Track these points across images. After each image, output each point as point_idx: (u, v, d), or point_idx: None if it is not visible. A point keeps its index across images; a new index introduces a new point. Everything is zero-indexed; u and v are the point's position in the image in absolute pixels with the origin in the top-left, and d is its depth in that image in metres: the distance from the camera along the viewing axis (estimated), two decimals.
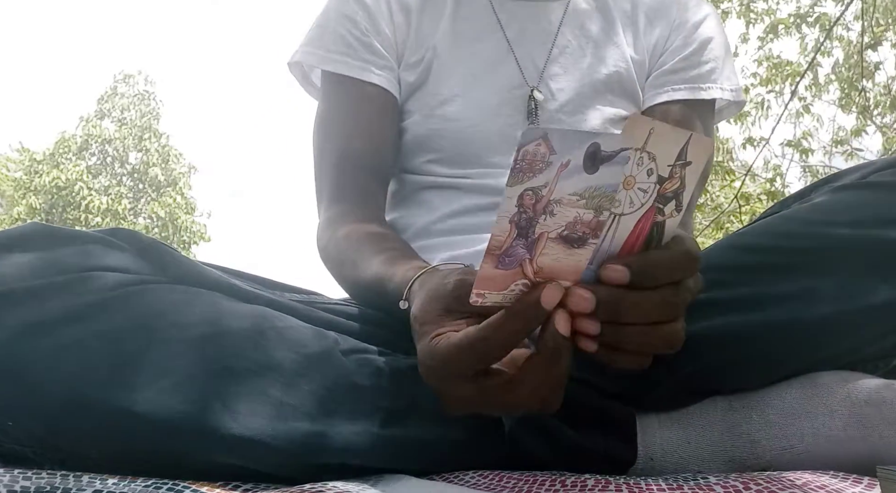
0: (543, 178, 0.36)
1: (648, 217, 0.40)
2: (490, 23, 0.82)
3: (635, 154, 0.37)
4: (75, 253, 0.50)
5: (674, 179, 0.39)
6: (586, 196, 0.37)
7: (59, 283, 0.47)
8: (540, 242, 0.38)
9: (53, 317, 0.45)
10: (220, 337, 0.48)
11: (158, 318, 0.47)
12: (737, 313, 0.53)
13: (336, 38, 0.80)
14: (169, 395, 0.44)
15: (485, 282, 0.40)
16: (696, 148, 0.38)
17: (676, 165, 0.38)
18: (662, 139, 0.37)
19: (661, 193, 0.39)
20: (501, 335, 0.40)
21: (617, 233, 0.40)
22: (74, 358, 0.44)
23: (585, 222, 0.38)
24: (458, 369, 0.42)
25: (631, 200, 0.39)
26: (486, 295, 0.40)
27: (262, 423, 0.46)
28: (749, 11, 5.17)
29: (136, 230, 0.57)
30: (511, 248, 0.38)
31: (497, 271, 0.39)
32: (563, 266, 0.40)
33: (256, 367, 0.48)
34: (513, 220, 0.37)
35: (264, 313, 0.52)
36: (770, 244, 0.55)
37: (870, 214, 0.53)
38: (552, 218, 0.37)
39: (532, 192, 0.36)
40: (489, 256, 0.38)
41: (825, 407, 0.51)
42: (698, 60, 0.81)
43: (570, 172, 0.36)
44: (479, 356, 0.41)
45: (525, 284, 0.40)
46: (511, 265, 0.39)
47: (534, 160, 0.35)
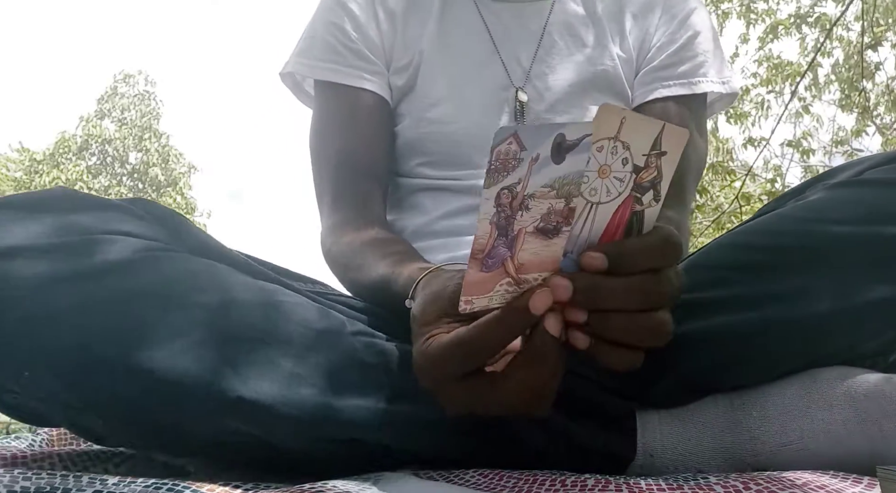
0: (517, 175, 0.37)
1: (626, 206, 0.40)
2: (476, 25, 0.82)
3: (609, 143, 0.38)
4: (94, 218, 0.51)
5: (650, 168, 0.40)
6: (556, 186, 0.38)
7: (80, 242, 0.48)
8: (519, 238, 0.39)
9: (72, 273, 0.46)
10: (233, 306, 0.49)
11: (173, 284, 0.48)
12: (735, 312, 0.53)
13: (325, 46, 0.81)
14: (181, 356, 0.45)
15: (471, 287, 0.40)
16: (671, 138, 0.39)
17: (651, 154, 0.39)
18: (635, 128, 0.38)
19: (637, 183, 0.40)
20: (489, 338, 0.41)
21: (595, 222, 0.40)
22: (90, 313, 0.45)
23: (558, 212, 0.39)
24: (447, 370, 0.43)
25: (608, 189, 0.40)
26: (473, 301, 0.41)
27: (272, 388, 0.47)
28: (749, 12, 5.18)
29: (155, 201, 0.58)
30: (493, 249, 0.39)
31: (482, 275, 0.40)
32: (541, 258, 0.40)
33: (267, 337, 0.49)
34: (493, 221, 0.38)
35: (276, 289, 0.53)
36: (766, 243, 0.55)
37: (865, 211, 0.53)
38: (527, 213, 0.38)
39: (508, 190, 0.37)
40: (473, 260, 0.39)
41: (825, 403, 0.51)
42: (687, 55, 0.81)
43: (540, 165, 0.37)
44: (466, 357, 0.42)
45: (509, 282, 0.41)
46: (494, 266, 0.40)
47: (506, 159, 0.36)
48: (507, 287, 0.41)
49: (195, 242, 0.55)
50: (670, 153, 0.39)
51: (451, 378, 0.43)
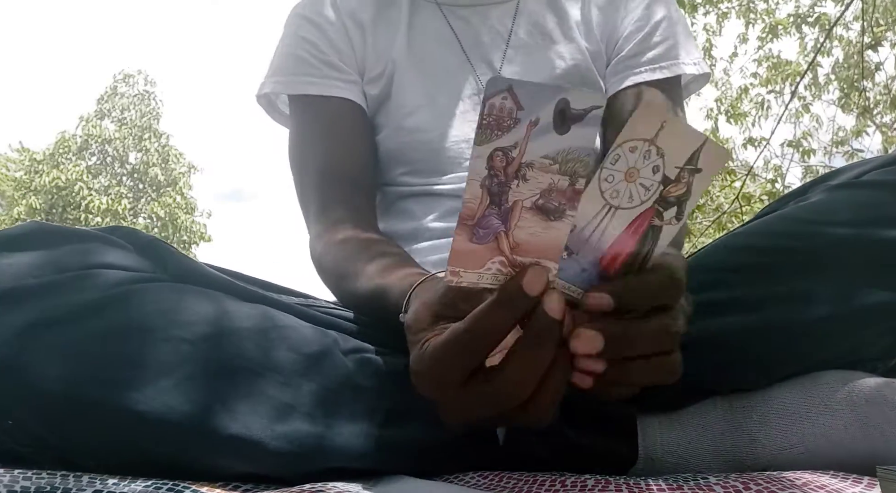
0: (513, 137, 0.34)
1: (646, 218, 0.38)
2: (444, 31, 0.83)
3: (643, 145, 0.35)
4: (75, 251, 0.50)
5: (680, 183, 0.37)
6: (559, 160, 0.35)
7: (58, 281, 0.47)
8: (514, 211, 0.36)
9: (54, 316, 0.45)
10: (221, 336, 0.48)
11: (159, 316, 0.47)
12: (735, 314, 0.53)
13: (297, 61, 0.80)
14: (169, 394, 0.44)
15: (459, 257, 0.37)
16: (710, 156, 0.36)
17: (685, 169, 0.36)
18: (674, 136, 0.35)
19: (664, 196, 0.37)
20: (486, 326, 0.37)
21: (610, 226, 0.38)
22: (75, 357, 0.44)
23: (561, 191, 0.36)
24: (446, 370, 0.39)
25: (631, 195, 0.37)
26: (461, 274, 0.37)
27: (262, 423, 0.46)
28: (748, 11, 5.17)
29: (136, 228, 0.57)
30: (485, 218, 0.36)
31: (472, 246, 0.36)
32: (541, 242, 0.37)
33: (256, 367, 0.48)
34: (484, 184, 0.35)
35: (265, 312, 0.52)
36: (767, 244, 0.55)
37: (866, 213, 0.53)
38: (525, 184, 0.35)
39: (502, 152, 0.34)
40: (462, 226, 0.36)
41: (825, 406, 0.51)
42: (657, 40, 0.82)
43: (541, 131, 0.34)
44: (465, 352, 0.38)
45: (502, 262, 0.37)
46: (486, 238, 0.36)
47: (501, 116, 0.33)
48: (500, 267, 0.37)
49: (179, 268, 0.54)
50: (705, 171, 0.36)
51: (452, 380, 0.40)
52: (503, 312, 0.37)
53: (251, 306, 0.52)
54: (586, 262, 0.39)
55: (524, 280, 0.36)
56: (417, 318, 0.44)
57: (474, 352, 0.39)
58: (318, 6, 0.84)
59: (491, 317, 0.37)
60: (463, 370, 0.39)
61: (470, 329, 0.38)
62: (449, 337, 0.39)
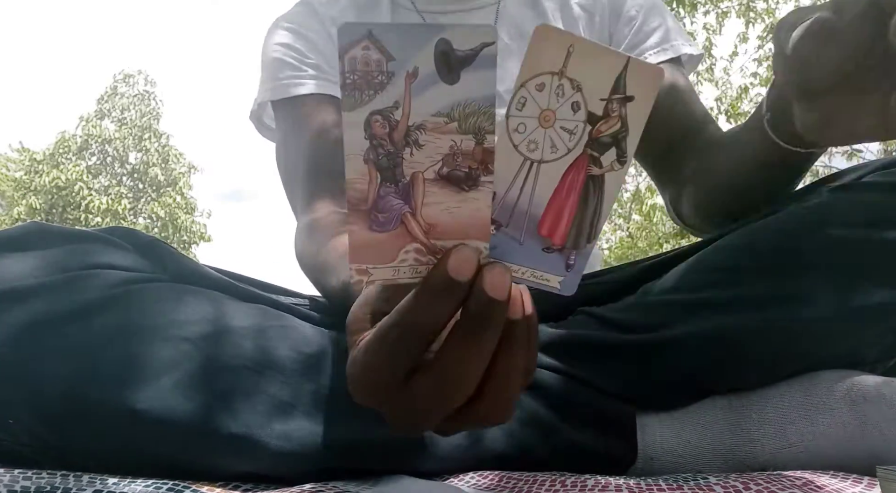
0: (390, 95, 0.28)
1: (580, 168, 0.32)
2: None
3: (551, 80, 0.30)
4: (75, 251, 0.50)
5: (611, 118, 0.30)
6: (456, 116, 0.29)
7: (58, 281, 0.47)
8: (416, 185, 0.30)
9: (54, 315, 0.45)
10: (221, 335, 0.48)
11: (159, 316, 0.47)
12: (734, 314, 0.53)
13: (281, 65, 0.80)
14: (169, 393, 0.44)
15: (362, 251, 0.31)
16: (640, 77, 0.30)
17: (613, 99, 0.30)
18: (588, 62, 0.29)
19: (594, 137, 0.31)
20: (414, 321, 0.32)
21: (538, 187, 0.32)
22: (75, 357, 0.44)
23: (467, 153, 0.30)
24: (378, 371, 0.34)
25: (552, 143, 0.31)
26: (370, 271, 0.31)
27: (262, 422, 0.46)
28: (748, 11, 5.18)
29: (135, 229, 0.57)
30: (381, 199, 0.30)
31: (374, 235, 0.30)
32: (460, 218, 0.31)
33: (256, 366, 0.48)
34: (368, 157, 0.29)
35: (264, 311, 0.52)
36: (768, 244, 0.55)
37: (866, 215, 0.53)
38: (421, 151, 0.29)
39: (381, 116, 0.28)
40: (354, 213, 0.30)
41: (825, 405, 0.51)
42: (651, 28, 0.82)
43: (424, 83, 0.28)
44: (395, 350, 0.33)
45: (418, 249, 0.31)
46: (390, 224, 0.30)
47: (368, 71, 0.28)
48: (416, 256, 0.31)
49: (178, 268, 0.54)
50: (639, 98, 0.30)
51: (386, 383, 0.34)
52: (432, 304, 0.31)
53: (251, 305, 0.52)
54: (521, 234, 0.33)
55: (449, 264, 0.30)
56: (354, 317, 0.39)
57: (405, 350, 0.33)
58: (300, 17, 0.85)
59: (418, 312, 0.31)
60: (394, 371, 0.33)
61: (398, 324, 0.32)
62: (376, 335, 0.34)
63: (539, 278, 0.34)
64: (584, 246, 0.33)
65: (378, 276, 0.31)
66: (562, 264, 0.33)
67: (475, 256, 0.30)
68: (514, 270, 0.33)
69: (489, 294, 0.30)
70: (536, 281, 0.34)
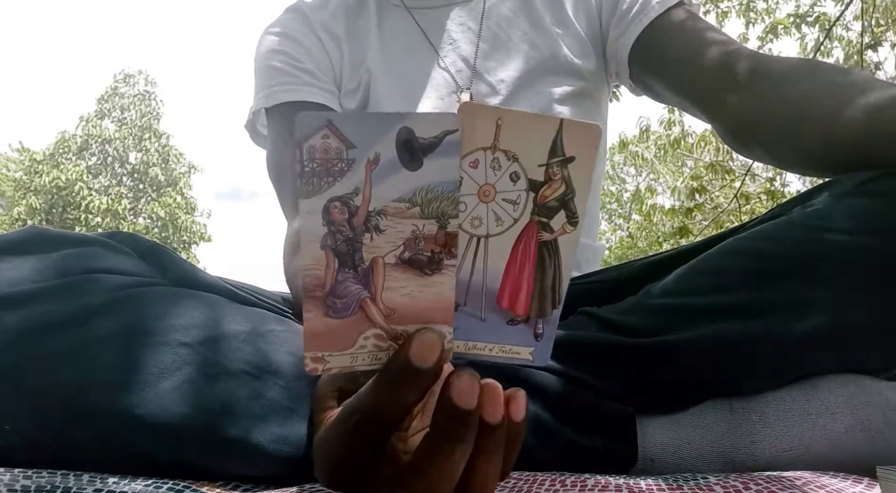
0: (351, 182, 0.28)
1: (530, 236, 0.31)
2: (414, 34, 0.83)
3: (485, 155, 0.29)
4: (75, 256, 0.50)
5: (554, 181, 0.30)
6: (418, 201, 0.29)
7: (58, 286, 0.47)
8: (376, 270, 0.30)
9: (53, 320, 0.45)
10: (219, 340, 0.48)
11: (157, 321, 0.47)
12: (736, 319, 0.52)
13: (274, 72, 0.80)
14: (168, 398, 0.44)
15: (317, 338, 0.30)
16: (578, 136, 0.29)
17: (552, 163, 0.30)
18: (520, 131, 0.29)
19: (539, 203, 0.31)
20: (375, 407, 0.30)
21: (490, 261, 0.31)
22: (74, 361, 0.44)
23: (430, 237, 0.29)
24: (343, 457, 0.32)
25: (497, 216, 0.31)
26: (326, 359, 0.30)
27: (261, 426, 0.46)
28: (748, 11, 5.17)
29: (136, 233, 0.57)
30: (339, 285, 0.29)
31: (331, 322, 0.30)
32: (423, 303, 0.30)
33: (255, 370, 0.47)
34: (325, 244, 0.29)
35: (263, 316, 0.52)
36: (769, 250, 0.55)
37: (866, 221, 0.53)
38: (381, 236, 0.29)
39: (340, 202, 0.28)
40: (310, 300, 0.29)
41: (826, 409, 0.51)
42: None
43: (385, 170, 0.28)
44: (356, 435, 0.31)
45: (378, 335, 0.30)
46: (347, 310, 0.30)
47: (327, 159, 0.28)
48: (376, 341, 0.30)
49: (179, 273, 0.54)
50: (580, 158, 0.30)
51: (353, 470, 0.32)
52: (393, 393, 0.29)
53: (250, 309, 0.52)
54: (482, 311, 0.32)
55: (411, 350, 0.29)
56: (320, 394, 0.37)
57: (367, 438, 0.31)
58: (291, 22, 0.85)
59: (379, 400, 0.30)
60: (357, 459, 0.31)
61: (358, 410, 0.30)
62: (338, 418, 0.32)
63: (508, 352, 0.33)
64: (549, 313, 0.33)
65: (335, 363, 0.30)
66: (529, 335, 0.33)
67: (438, 341, 0.29)
68: (480, 347, 0.32)
69: (457, 404, 0.28)
70: (506, 356, 0.33)
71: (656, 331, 0.54)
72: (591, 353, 0.55)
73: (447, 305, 0.30)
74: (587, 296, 0.64)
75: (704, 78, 0.74)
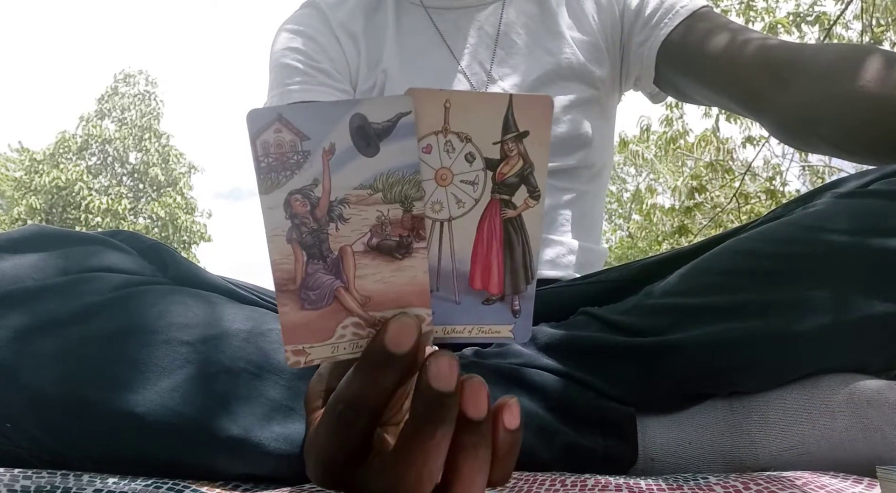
0: (308, 174, 0.28)
1: (493, 214, 0.31)
2: (432, 36, 0.83)
3: (437, 139, 0.29)
4: (76, 254, 0.50)
5: (510, 158, 0.30)
6: (380, 187, 0.29)
7: (59, 284, 0.47)
8: (345, 259, 0.30)
9: (53, 318, 0.45)
10: (220, 339, 0.48)
11: (158, 319, 0.47)
12: (737, 319, 0.52)
13: (290, 71, 0.80)
14: (169, 396, 0.44)
15: (295, 331, 0.30)
16: (529, 110, 0.29)
17: (507, 140, 0.30)
18: (469, 111, 0.29)
19: (498, 181, 0.30)
20: (355, 393, 0.30)
21: (456, 243, 0.31)
22: (74, 360, 0.44)
23: (396, 222, 0.29)
24: (330, 449, 0.31)
25: (457, 198, 0.30)
26: (307, 351, 0.30)
27: (261, 425, 0.46)
28: (748, 10, 5.17)
29: (137, 232, 0.57)
30: (310, 277, 0.29)
31: (307, 314, 0.30)
32: (398, 288, 0.30)
33: (255, 369, 0.48)
34: (291, 237, 0.29)
35: (263, 315, 0.52)
36: (770, 250, 0.55)
37: (867, 222, 0.53)
38: (346, 224, 0.29)
39: (301, 195, 0.28)
40: (283, 294, 0.29)
41: (826, 408, 0.51)
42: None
43: (342, 158, 0.28)
44: (340, 424, 0.31)
45: (357, 323, 0.31)
46: (322, 301, 0.30)
47: (282, 153, 0.28)
48: (355, 330, 0.31)
49: (179, 272, 0.54)
50: (535, 131, 0.29)
51: (341, 462, 0.32)
52: (372, 379, 0.29)
53: (250, 308, 0.52)
54: (455, 294, 0.32)
55: (387, 337, 0.29)
56: (310, 395, 0.37)
57: (351, 426, 0.31)
58: (307, 19, 0.84)
59: (359, 387, 0.30)
60: (344, 448, 0.31)
61: (341, 399, 0.30)
62: (325, 411, 0.32)
63: (488, 332, 0.33)
64: (524, 288, 0.33)
65: (316, 355, 0.31)
66: (507, 313, 0.33)
67: (414, 325, 0.29)
68: (458, 330, 0.32)
69: (434, 386, 0.28)
70: (486, 336, 0.33)
71: (657, 331, 0.54)
72: (592, 353, 0.55)
73: (422, 288, 0.31)
74: (588, 296, 0.64)
75: (744, 75, 0.73)
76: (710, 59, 0.77)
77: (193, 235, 14.19)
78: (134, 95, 15.43)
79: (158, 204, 14.19)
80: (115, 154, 14.95)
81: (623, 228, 12.92)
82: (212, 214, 16.21)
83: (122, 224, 12.96)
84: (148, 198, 14.78)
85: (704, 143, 5.68)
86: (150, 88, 15.66)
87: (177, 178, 15.03)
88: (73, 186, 13.28)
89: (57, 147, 14.35)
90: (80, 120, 15.00)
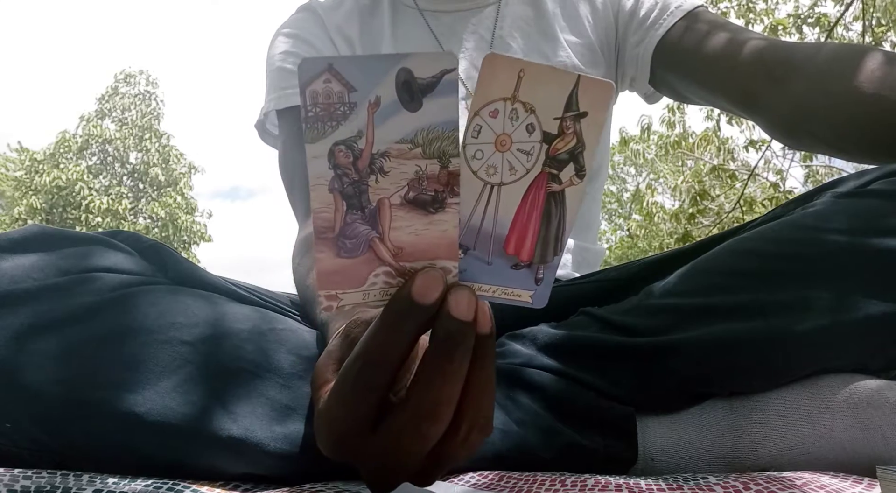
0: (354, 125, 0.29)
1: (540, 186, 0.32)
2: (427, 40, 0.83)
3: (505, 105, 0.30)
4: (76, 254, 0.50)
5: (566, 135, 0.31)
6: (420, 142, 0.30)
7: (59, 284, 0.47)
8: (382, 211, 0.31)
9: (53, 318, 0.45)
10: (220, 338, 0.48)
11: (158, 319, 0.47)
12: (737, 320, 0.52)
13: (286, 75, 0.80)
14: (169, 396, 0.44)
15: (330, 277, 0.31)
16: (591, 93, 0.30)
17: (567, 117, 0.31)
18: (539, 84, 0.30)
19: (551, 155, 0.32)
20: (377, 349, 0.31)
21: (501, 209, 0.32)
22: (74, 360, 0.44)
23: (433, 177, 0.30)
24: (345, 417, 0.32)
25: (510, 166, 0.32)
26: (339, 296, 0.32)
27: (262, 425, 0.46)
28: (748, 11, 5.17)
29: (137, 232, 0.57)
30: (348, 226, 0.31)
31: (343, 261, 0.31)
32: (429, 240, 0.31)
33: (255, 369, 0.48)
34: (333, 187, 0.30)
35: (264, 314, 0.52)
36: (770, 250, 0.55)
37: (866, 222, 0.53)
38: (386, 177, 0.30)
39: (345, 146, 0.29)
40: (322, 242, 0.31)
41: (826, 408, 0.51)
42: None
43: (386, 112, 0.29)
44: (359, 386, 0.31)
45: (388, 272, 0.32)
46: (357, 250, 0.31)
47: (330, 103, 0.28)
48: (386, 279, 0.32)
49: (179, 272, 0.54)
50: (593, 113, 0.31)
51: (357, 427, 0.32)
52: (394, 329, 0.31)
53: (250, 308, 0.52)
54: (489, 255, 0.33)
55: (414, 287, 0.30)
56: (318, 371, 0.37)
57: (369, 383, 0.31)
58: (303, 23, 0.85)
59: (380, 338, 0.31)
60: (359, 410, 0.32)
61: (360, 355, 0.31)
62: (339, 376, 0.32)
63: (510, 294, 0.35)
64: (551, 259, 0.34)
65: (348, 300, 0.32)
66: (531, 279, 0.34)
67: (441, 278, 0.31)
68: (484, 289, 0.34)
69: (455, 316, 0.30)
70: (508, 298, 0.35)
71: (657, 331, 0.54)
72: (592, 353, 0.55)
73: (451, 241, 0.32)
74: (588, 296, 0.64)
75: (739, 75, 0.74)
76: (705, 59, 0.77)
77: (193, 235, 14.19)
78: (134, 95, 15.44)
79: (159, 204, 14.19)
80: (115, 154, 14.95)
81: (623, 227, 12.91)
82: (212, 214, 16.21)
83: (122, 224, 12.96)
84: (148, 198, 14.78)
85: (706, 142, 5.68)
86: (151, 88, 15.67)
87: (177, 178, 15.03)
88: (73, 186, 13.28)
89: (57, 147, 14.36)
90: (80, 120, 15.01)
